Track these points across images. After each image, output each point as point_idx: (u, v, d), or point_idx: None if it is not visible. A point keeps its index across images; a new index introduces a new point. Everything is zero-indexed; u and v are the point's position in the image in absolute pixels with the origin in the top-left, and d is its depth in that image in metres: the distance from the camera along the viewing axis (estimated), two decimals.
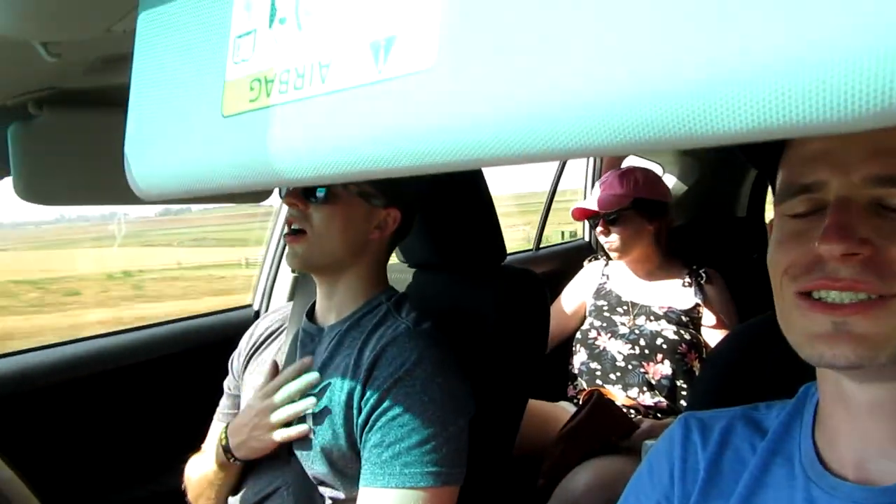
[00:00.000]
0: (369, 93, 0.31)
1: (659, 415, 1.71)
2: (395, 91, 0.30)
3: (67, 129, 1.06)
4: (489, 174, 1.29)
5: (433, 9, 0.29)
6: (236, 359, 1.17)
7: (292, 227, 0.99)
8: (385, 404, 0.90)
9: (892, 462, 0.51)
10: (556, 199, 2.60)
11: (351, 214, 0.99)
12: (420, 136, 0.29)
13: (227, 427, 1.03)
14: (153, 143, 0.45)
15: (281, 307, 1.23)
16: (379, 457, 0.89)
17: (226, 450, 1.01)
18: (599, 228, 1.86)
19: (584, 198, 2.65)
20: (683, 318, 1.77)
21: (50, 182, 1.07)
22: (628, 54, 0.23)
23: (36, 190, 1.06)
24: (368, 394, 0.92)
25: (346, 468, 0.95)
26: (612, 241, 1.84)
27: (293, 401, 0.96)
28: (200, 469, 1.06)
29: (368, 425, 0.91)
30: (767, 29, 0.20)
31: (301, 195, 0.97)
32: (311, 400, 0.95)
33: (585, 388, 1.80)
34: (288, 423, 0.96)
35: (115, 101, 0.93)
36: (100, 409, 1.34)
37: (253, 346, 1.15)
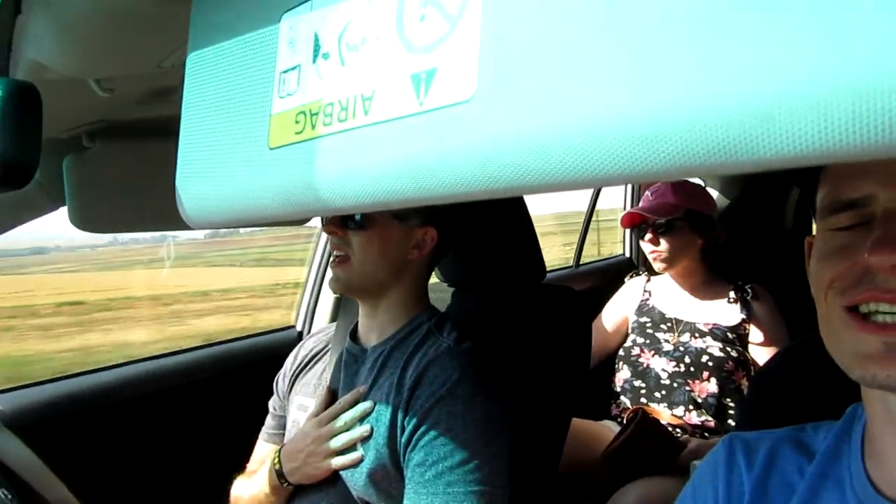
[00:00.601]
0: (411, 124, 0.32)
1: (706, 434, 1.67)
2: (436, 122, 0.31)
3: (119, 160, 1.11)
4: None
5: (472, 41, 0.30)
6: (281, 379, 1.19)
7: (335, 253, 1.02)
8: (427, 424, 0.91)
9: None
10: (599, 218, 2.58)
11: (388, 237, 1.00)
12: (461, 165, 0.30)
13: (279, 451, 1.04)
14: (202, 174, 0.46)
15: (325, 328, 1.24)
16: (422, 476, 0.89)
17: (279, 474, 1.02)
18: (648, 236, 1.80)
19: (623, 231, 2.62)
20: (729, 335, 1.73)
21: (103, 210, 1.11)
22: (666, 81, 0.23)
23: (90, 218, 1.10)
24: (411, 413, 0.92)
25: (391, 488, 0.95)
26: (660, 250, 1.79)
27: (349, 428, 0.97)
28: (250, 490, 1.08)
29: (411, 445, 0.91)
30: (814, 54, 0.20)
31: (339, 222, 1.00)
32: (367, 427, 0.96)
33: (629, 406, 1.77)
34: (342, 451, 0.98)
35: (163, 131, 0.96)
36: (149, 429, 1.38)
37: (298, 366, 1.17)
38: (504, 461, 0.92)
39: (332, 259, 1.03)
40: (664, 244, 1.78)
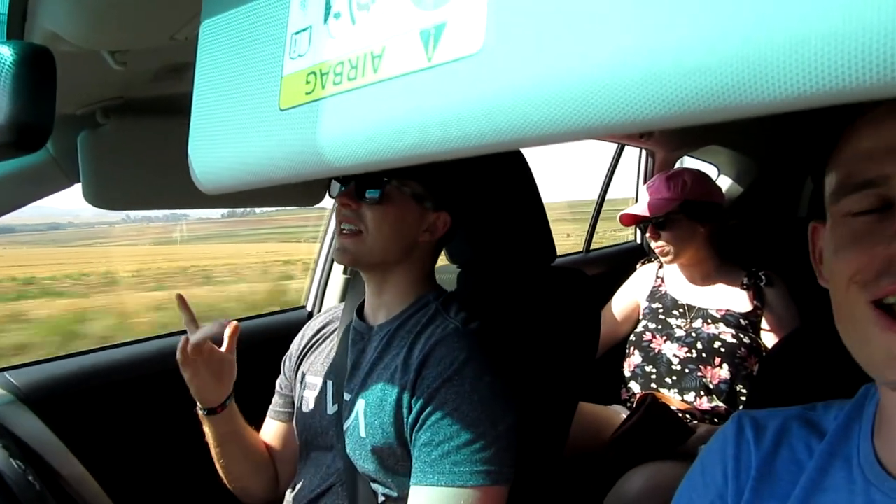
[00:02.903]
0: (420, 79, 0.32)
1: (716, 420, 1.66)
2: (445, 76, 0.31)
3: (133, 137, 1.11)
4: (542, 181, 1.29)
5: None
6: (288, 360, 1.20)
7: (343, 226, 1.00)
8: (434, 403, 0.91)
9: None
10: (611, 207, 2.57)
11: (403, 215, 1.00)
12: (471, 118, 0.30)
13: None
14: (214, 138, 0.47)
15: (332, 308, 1.25)
16: (429, 455, 0.89)
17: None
18: (648, 233, 1.83)
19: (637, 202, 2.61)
20: (742, 321, 1.72)
21: (117, 187, 1.12)
22: (669, 27, 0.23)
23: (104, 195, 1.11)
24: (418, 393, 0.93)
25: (398, 466, 0.96)
26: (661, 245, 1.81)
27: None
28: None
29: (418, 424, 0.92)
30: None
31: (354, 195, 0.99)
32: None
33: (640, 391, 1.77)
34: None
35: (178, 108, 0.97)
36: (161, 406, 1.39)
37: (306, 346, 1.18)
38: (511, 441, 0.92)
39: (339, 231, 1.01)
40: (664, 238, 1.79)
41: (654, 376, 1.76)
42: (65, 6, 0.64)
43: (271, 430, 1.20)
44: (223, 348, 1.07)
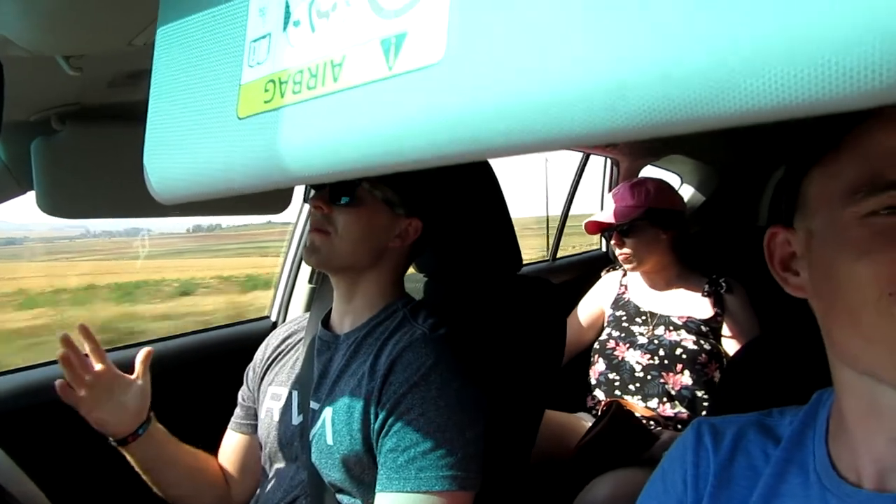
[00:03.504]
0: (381, 89, 0.32)
1: (679, 426, 1.68)
2: (406, 86, 0.31)
3: (89, 144, 1.08)
4: (512, 197, 1.30)
5: (441, 3, 0.29)
6: (252, 370, 1.18)
7: (314, 227, 1.00)
8: (400, 409, 0.90)
9: None
10: (576, 223, 2.61)
11: (374, 220, 1.00)
12: (433, 129, 0.30)
13: None
14: (170, 147, 0.46)
15: (296, 318, 1.23)
16: (394, 461, 0.88)
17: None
18: (613, 241, 1.85)
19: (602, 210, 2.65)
20: (703, 327, 1.75)
21: (73, 196, 1.09)
22: (635, 39, 0.23)
23: (59, 203, 1.08)
24: (384, 399, 0.92)
25: (364, 475, 0.95)
26: (626, 252, 1.83)
27: None
28: None
29: (384, 431, 0.91)
30: (772, 13, 0.20)
31: (327, 198, 0.99)
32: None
33: (604, 398, 1.79)
34: None
35: (136, 115, 0.94)
36: None
37: (270, 356, 1.16)
38: (478, 448, 0.92)
39: (309, 232, 1.01)
40: (629, 245, 1.82)
41: (617, 383, 1.77)
42: (16, 9, 0.62)
43: (233, 443, 1.17)
44: (135, 374, 1.05)
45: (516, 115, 0.26)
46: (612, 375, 1.79)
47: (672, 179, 2.75)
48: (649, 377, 1.73)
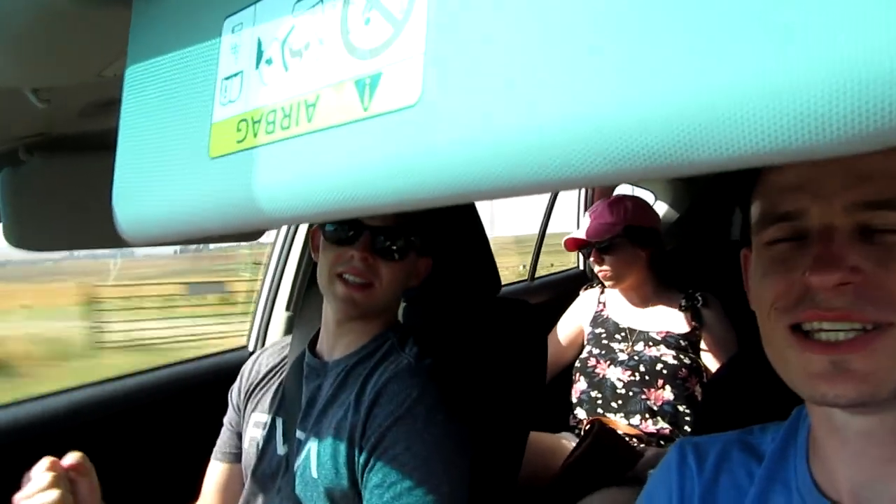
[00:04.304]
0: (356, 130, 0.31)
1: (662, 442, 1.69)
2: (382, 127, 0.30)
3: (59, 174, 1.06)
4: (493, 216, 1.31)
5: (417, 44, 0.29)
6: (236, 393, 1.14)
7: (351, 277, 0.96)
8: (386, 443, 0.89)
9: (885, 487, 0.51)
10: (553, 244, 2.62)
11: (409, 269, 1.02)
12: (408, 172, 0.29)
13: None
14: (139, 186, 0.45)
15: (279, 341, 1.20)
16: (380, 498, 0.87)
17: None
18: (592, 258, 1.87)
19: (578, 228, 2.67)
20: (682, 342, 1.76)
21: (43, 227, 1.07)
22: (610, 85, 0.23)
23: (28, 236, 1.05)
24: (369, 432, 0.90)
25: None
26: (605, 269, 1.84)
27: None
28: None
29: (369, 466, 0.89)
30: (746, 59, 0.20)
31: (370, 249, 0.96)
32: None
33: (586, 417, 1.78)
34: None
35: (105, 145, 0.92)
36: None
37: (254, 382, 1.13)
38: (463, 480, 0.91)
39: (344, 280, 0.97)
40: (608, 263, 1.83)
41: (599, 401, 1.77)
42: None
43: (219, 473, 1.13)
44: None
45: (493, 158, 0.26)
46: (594, 393, 1.79)
47: (646, 196, 2.78)
48: (631, 394, 1.73)
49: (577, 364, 1.87)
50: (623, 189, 2.69)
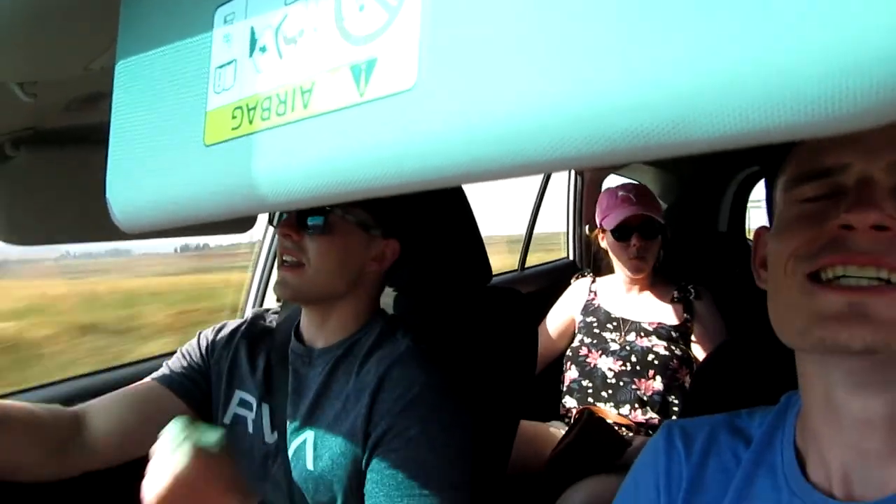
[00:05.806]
0: (351, 115, 0.32)
1: (650, 431, 1.70)
2: (377, 112, 0.30)
3: (46, 169, 1.05)
4: (482, 215, 1.30)
5: (412, 30, 0.30)
6: (206, 347, 1.06)
7: (285, 258, 0.94)
8: (395, 429, 0.87)
9: (879, 476, 0.50)
10: (544, 243, 2.63)
11: (349, 245, 0.94)
12: (403, 156, 0.30)
13: None
14: (134, 175, 0.45)
15: (260, 312, 1.15)
16: (385, 482, 0.86)
17: None
18: (634, 241, 1.82)
19: (567, 234, 2.70)
20: (674, 333, 1.78)
21: (33, 222, 1.06)
22: (605, 65, 0.23)
23: (19, 230, 1.04)
24: (377, 418, 0.88)
25: (347, 501, 0.92)
26: (647, 255, 1.83)
27: None
28: None
29: (379, 451, 0.88)
30: (755, 37, 0.21)
31: (296, 225, 0.92)
32: None
33: (577, 406, 1.80)
34: None
35: (94, 139, 0.92)
36: None
37: (233, 353, 1.06)
38: (468, 462, 0.91)
39: (280, 263, 0.94)
40: (649, 248, 1.83)
41: (590, 390, 1.79)
42: None
43: (150, 390, 0.99)
44: None
45: (489, 141, 0.27)
46: (584, 382, 1.80)
47: None
48: (621, 383, 1.74)
49: (569, 353, 1.88)
50: (611, 181, 2.70)
